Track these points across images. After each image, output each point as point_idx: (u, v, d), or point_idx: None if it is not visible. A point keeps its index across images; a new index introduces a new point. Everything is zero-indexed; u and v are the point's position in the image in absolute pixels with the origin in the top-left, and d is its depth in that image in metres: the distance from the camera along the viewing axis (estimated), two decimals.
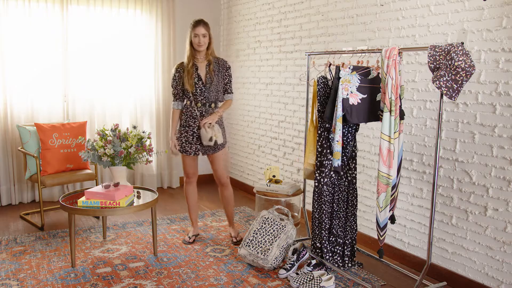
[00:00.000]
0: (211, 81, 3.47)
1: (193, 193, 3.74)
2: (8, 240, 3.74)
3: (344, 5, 3.76)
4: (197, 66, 3.49)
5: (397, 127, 2.76)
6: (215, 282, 3.02)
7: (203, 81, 3.46)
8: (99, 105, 5.05)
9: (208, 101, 3.49)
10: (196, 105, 3.48)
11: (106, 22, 4.99)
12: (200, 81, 3.46)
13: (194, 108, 3.48)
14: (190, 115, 3.50)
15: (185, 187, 3.73)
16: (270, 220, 3.37)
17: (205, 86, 3.46)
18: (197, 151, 3.55)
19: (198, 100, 3.47)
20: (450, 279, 3.01)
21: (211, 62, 3.50)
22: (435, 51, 2.54)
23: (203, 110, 3.49)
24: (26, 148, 4.16)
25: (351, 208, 3.25)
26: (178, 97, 3.56)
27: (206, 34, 3.42)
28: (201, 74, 3.47)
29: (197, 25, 3.41)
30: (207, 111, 3.50)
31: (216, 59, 3.54)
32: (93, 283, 2.98)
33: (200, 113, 3.48)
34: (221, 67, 3.55)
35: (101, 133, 3.58)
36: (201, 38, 3.40)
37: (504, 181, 2.68)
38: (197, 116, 3.48)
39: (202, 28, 3.39)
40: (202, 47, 3.43)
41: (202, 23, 3.41)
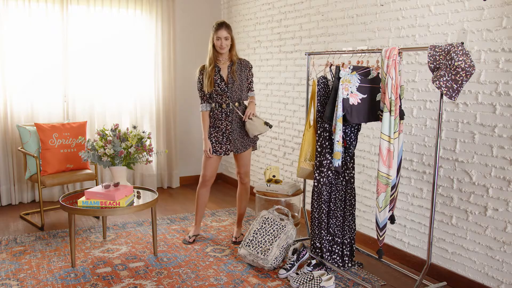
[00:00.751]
0: (233, 81, 3.51)
1: (206, 195, 3.75)
2: (8, 240, 3.74)
3: (344, 5, 3.76)
4: (219, 67, 3.53)
5: (397, 127, 2.76)
6: (215, 282, 3.02)
7: (226, 82, 3.50)
8: (99, 105, 5.05)
9: (232, 101, 3.53)
10: (221, 107, 3.52)
11: (106, 22, 4.99)
12: (222, 81, 3.50)
13: (219, 110, 3.53)
14: (216, 117, 3.55)
15: (200, 188, 3.72)
16: (270, 220, 3.37)
17: (227, 86, 3.50)
18: (227, 151, 3.59)
19: (222, 101, 3.51)
20: (450, 279, 3.01)
21: (234, 63, 3.54)
22: (435, 51, 2.54)
23: (227, 110, 3.53)
24: (26, 148, 4.16)
25: (349, 208, 3.25)
26: (206, 99, 3.58)
27: (228, 37, 3.47)
28: (223, 75, 3.52)
29: (219, 28, 3.45)
30: (232, 111, 3.54)
31: (239, 60, 3.59)
32: (93, 283, 2.98)
33: (225, 113, 3.53)
34: (244, 67, 3.60)
35: (101, 133, 3.58)
36: (223, 41, 3.45)
37: (504, 181, 2.68)
38: (223, 117, 3.53)
39: (224, 31, 3.44)
40: (224, 49, 3.47)
41: (225, 26, 3.46)
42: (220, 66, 3.53)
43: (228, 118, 3.54)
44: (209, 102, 3.57)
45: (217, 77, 3.50)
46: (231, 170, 5.80)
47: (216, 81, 3.49)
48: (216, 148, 3.58)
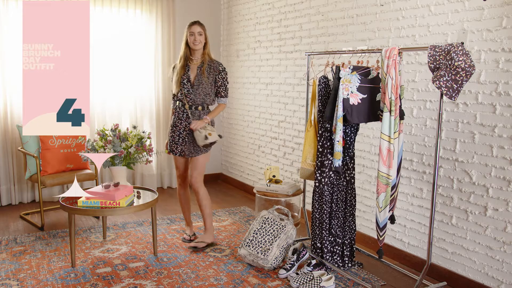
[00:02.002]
0: (199, 83, 3.44)
1: (183, 194, 3.75)
2: (8, 240, 3.74)
3: (344, 5, 3.76)
4: (189, 67, 3.49)
5: (397, 127, 2.76)
6: (215, 282, 3.02)
7: (191, 83, 3.45)
8: (99, 105, 5.05)
9: (195, 104, 3.47)
10: (183, 107, 3.48)
11: (106, 22, 4.99)
12: (188, 82, 3.45)
13: (181, 109, 3.48)
14: (177, 116, 3.51)
15: (177, 189, 3.78)
16: (270, 220, 3.37)
17: (193, 88, 3.44)
18: (181, 152, 3.54)
19: (185, 102, 3.46)
20: (450, 279, 3.01)
21: (204, 64, 3.47)
22: (435, 51, 2.54)
23: (189, 112, 3.47)
24: (26, 148, 4.16)
25: (349, 208, 3.25)
26: (173, 97, 3.59)
27: (202, 33, 3.45)
28: (190, 76, 3.47)
29: (192, 24, 3.47)
30: (193, 113, 3.48)
31: (210, 61, 3.49)
32: (93, 283, 2.98)
33: (186, 115, 3.48)
34: (213, 70, 3.48)
35: (101, 133, 3.58)
36: (196, 36, 3.42)
37: (504, 181, 2.68)
38: (184, 117, 3.49)
39: (198, 27, 3.44)
40: (197, 45, 3.43)
41: (198, 23, 3.47)
42: (190, 65, 3.49)
43: (188, 120, 3.47)
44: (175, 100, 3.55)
45: (185, 77, 3.45)
46: (231, 170, 5.80)
47: (183, 81, 3.45)
48: (172, 148, 3.56)
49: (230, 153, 5.76)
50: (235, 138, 5.63)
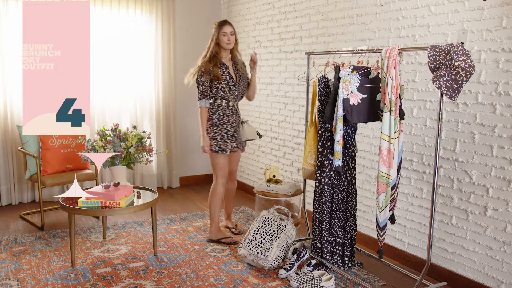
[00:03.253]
0: (240, 79, 3.61)
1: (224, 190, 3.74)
2: (8, 240, 3.74)
3: (344, 5, 3.76)
4: (225, 64, 3.57)
5: (397, 127, 2.76)
6: (215, 282, 3.02)
7: (234, 80, 3.57)
8: (99, 105, 5.05)
9: (237, 99, 3.64)
10: (228, 103, 3.56)
11: (106, 22, 4.99)
12: (231, 79, 3.56)
13: (226, 106, 3.56)
14: (223, 113, 3.56)
15: (217, 188, 3.66)
16: (270, 220, 3.37)
17: (235, 84, 3.58)
18: (233, 148, 3.61)
19: (230, 99, 3.56)
20: (450, 279, 3.01)
21: (238, 61, 3.65)
22: (435, 51, 2.54)
23: (233, 108, 3.60)
24: (26, 148, 4.16)
25: (350, 208, 3.25)
26: (206, 94, 3.55)
27: (233, 33, 3.56)
28: (231, 73, 3.58)
29: (224, 24, 3.54)
30: (235, 108, 3.63)
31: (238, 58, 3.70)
32: (93, 283, 2.98)
33: (231, 111, 3.58)
34: (243, 64, 3.73)
35: (101, 133, 3.58)
36: (230, 36, 3.53)
37: (504, 181, 2.68)
38: (230, 114, 3.57)
39: (230, 27, 3.54)
40: (231, 45, 3.54)
41: (229, 22, 3.56)
42: (226, 63, 3.59)
43: (234, 116, 3.59)
44: (210, 98, 3.56)
45: (225, 75, 3.53)
46: None
47: (225, 79, 3.53)
48: (221, 146, 3.56)
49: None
50: None
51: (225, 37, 3.51)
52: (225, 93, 3.53)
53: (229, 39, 3.52)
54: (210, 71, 3.51)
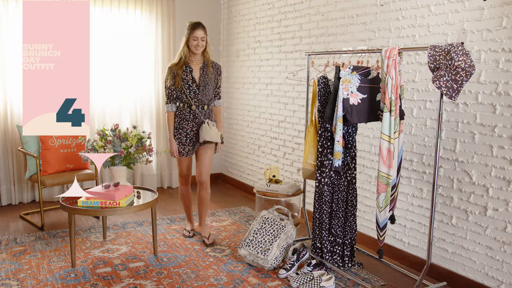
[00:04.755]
0: (205, 83, 3.53)
1: (186, 192, 3.84)
2: (8, 240, 3.74)
3: (344, 5, 3.76)
4: (191, 68, 3.51)
5: (397, 127, 2.76)
6: (215, 282, 3.02)
7: (197, 83, 3.51)
8: (99, 105, 5.05)
9: (201, 104, 3.55)
10: (189, 107, 3.53)
11: (106, 22, 4.99)
12: (194, 83, 3.50)
13: (187, 110, 3.54)
14: (184, 117, 3.56)
15: (181, 189, 3.84)
16: (270, 220, 3.37)
17: (199, 88, 3.51)
18: (189, 152, 3.63)
19: (191, 103, 3.51)
20: (450, 279, 3.01)
21: (208, 65, 3.56)
22: (435, 51, 2.54)
23: (196, 112, 3.54)
24: (26, 148, 4.16)
25: (350, 208, 3.25)
26: (172, 99, 3.57)
27: (204, 38, 3.48)
28: (195, 76, 3.51)
29: (196, 28, 3.46)
30: (200, 113, 3.56)
31: (212, 62, 3.60)
32: (93, 283, 2.98)
33: (193, 115, 3.54)
34: (215, 70, 3.62)
35: (101, 133, 3.58)
36: (199, 41, 3.46)
37: (504, 181, 2.68)
38: (191, 118, 3.55)
39: (201, 31, 3.46)
40: (199, 50, 3.48)
41: (202, 26, 3.48)
42: (192, 66, 3.52)
43: (195, 120, 3.55)
44: (175, 102, 3.56)
45: (188, 78, 3.48)
46: (231, 170, 5.79)
47: (188, 82, 3.48)
48: (179, 150, 3.60)
49: (230, 153, 5.76)
50: (235, 138, 5.63)
51: (195, 42, 3.45)
52: (186, 97, 3.50)
53: (198, 44, 3.45)
54: (174, 74, 3.50)
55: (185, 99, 3.51)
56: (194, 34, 3.45)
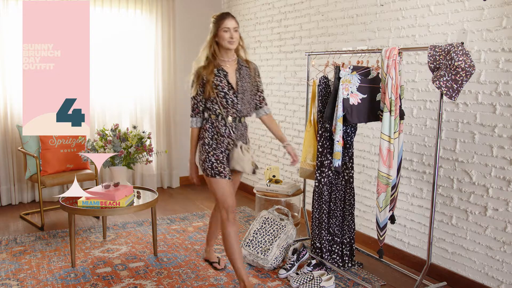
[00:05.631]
0: (244, 90, 2.76)
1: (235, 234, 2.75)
2: (8, 240, 3.74)
3: (344, 5, 3.76)
4: (225, 71, 2.75)
5: (397, 127, 2.76)
6: (215, 282, 3.02)
7: (234, 90, 2.74)
8: (99, 105, 5.05)
9: (239, 115, 2.77)
10: (223, 120, 2.74)
11: (106, 22, 4.99)
12: (231, 90, 2.73)
13: (221, 123, 2.75)
14: (218, 131, 2.76)
15: (225, 229, 2.74)
16: (270, 220, 3.37)
17: (237, 96, 2.74)
18: (230, 173, 2.78)
19: (228, 114, 2.74)
20: (450, 279, 3.01)
21: (247, 65, 2.83)
22: (435, 51, 2.54)
23: (233, 126, 2.77)
24: (26, 148, 4.16)
25: (348, 207, 3.25)
26: (198, 111, 2.80)
27: (237, 29, 2.72)
28: (231, 81, 2.74)
29: (226, 17, 2.71)
30: (237, 127, 2.78)
31: (246, 62, 2.85)
32: (93, 283, 2.98)
33: (230, 129, 2.76)
34: (254, 71, 2.86)
35: (101, 133, 3.58)
36: (233, 33, 2.69)
37: (504, 181, 2.68)
38: (226, 134, 2.76)
39: (233, 21, 2.70)
40: (234, 44, 2.71)
41: (232, 16, 2.74)
42: (225, 69, 2.76)
43: (231, 136, 2.76)
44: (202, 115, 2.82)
45: (223, 84, 2.72)
46: None
47: (223, 90, 2.71)
48: (219, 169, 2.74)
49: None
50: None
51: (227, 34, 2.68)
52: (220, 108, 2.74)
53: (232, 36, 2.68)
54: (203, 80, 2.73)
55: (219, 110, 2.74)
56: (224, 24, 2.68)
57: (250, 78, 2.81)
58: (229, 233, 2.72)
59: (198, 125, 2.83)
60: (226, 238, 2.73)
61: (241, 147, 2.75)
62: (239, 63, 2.80)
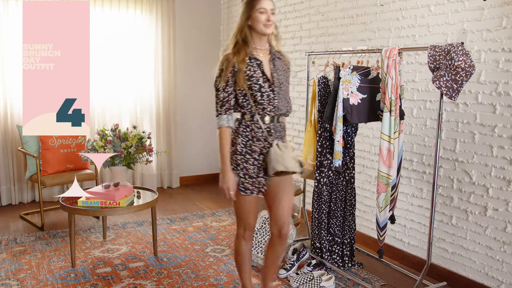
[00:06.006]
0: (280, 82, 2.33)
1: (247, 250, 2.50)
2: (8, 240, 3.74)
3: (344, 5, 3.76)
4: (258, 60, 2.32)
5: (397, 127, 2.76)
6: (215, 282, 3.02)
7: (270, 82, 2.30)
8: (99, 105, 5.05)
9: (278, 113, 2.32)
10: (261, 119, 2.30)
11: (106, 22, 4.99)
12: (266, 82, 2.29)
13: (256, 124, 2.31)
14: (252, 135, 2.31)
15: (237, 245, 2.50)
16: None
17: (273, 90, 2.30)
18: (260, 188, 2.35)
19: (265, 112, 2.30)
20: (450, 279, 3.01)
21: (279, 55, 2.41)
22: (435, 51, 2.54)
23: (271, 127, 2.31)
24: (26, 148, 4.16)
25: (349, 208, 3.25)
26: (229, 107, 2.31)
27: (274, 11, 2.32)
28: (266, 72, 2.30)
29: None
30: (276, 128, 2.33)
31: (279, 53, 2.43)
32: (93, 283, 2.98)
33: (267, 132, 2.31)
34: (286, 63, 2.45)
35: (101, 133, 3.58)
36: (270, 15, 2.28)
37: (504, 181, 2.68)
38: (263, 137, 2.31)
39: (270, 1, 2.30)
40: (270, 28, 2.31)
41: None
42: (259, 57, 2.33)
43: (269, 139, 2.31)
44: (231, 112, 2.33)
45: (257, 75, 2.28)
46: None
47: (257, 82, 2.28)
48: (246, 185, 2.32)
49: None
50: None
51: (263, 16, 2.25)
52: (254, 104, 2.29)
53: (269, 19, 2.27)
54: (234, 68, 2.28)
55: (253, 107, 2.29)
56: (260, 5, 2.26)
57: (284, 72, 2.40)
58: (244, 251, 2.48)
59: (231, 124, 2.34)
60: (240, 254, 2.50)
61: (277, 145, 2.30)
62: (271, 53, 2.38)
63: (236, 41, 2.34)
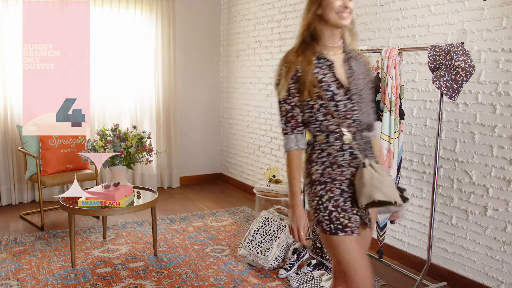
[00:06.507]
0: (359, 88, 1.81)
1: None
2: (8, 240, 3.74)
3: None
4: (329, 60, 1.81)
5: (397, 127, 2.76)
6: (215, 282, 3.02)
7: (346, 89, 1.78)
8: (99, 105, 5.05)
9: (361, 128, 1.80)
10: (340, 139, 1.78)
11: (106, 22, 4.99)
12: (340, 88, 1.77)
13: (336, 145, 1.78)
14: (332, 162, 1.79)
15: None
16: (270, 220, 3.37)
17: (351, 98, 1.78)
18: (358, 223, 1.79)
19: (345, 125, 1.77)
20: (450, 279, 3.01)
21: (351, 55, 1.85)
22: (435, 51, 2.54)
23: (353, 146, 1.78)
24: (26, 148, 4.16)
25: None
26: (297, 124, 1.86)
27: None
28: (339, 76, 1.79)
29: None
30: (360, 147, 1.79)
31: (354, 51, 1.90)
32: (93, 283, 2.98)
33: (350, 153, 1.78)
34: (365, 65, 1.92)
35: (101, 133, 3.58)
36: (347, 2, 1.84)
37: (504, 181, 2.68)
38: (347, 161, 1.78)
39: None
40: (347, 18, 1.85)
41: None
42: (330, 57, 1.81)
43: (354, 162, 1.78)
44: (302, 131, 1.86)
45: (328, 80, 1.77)
46: (231, 170, 5.79)
47: (329, 88, 1.76)
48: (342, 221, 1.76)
49: (230, 153, 5.76)
50: (235, 138, 5.63)
51: (338, 3, 1.80)
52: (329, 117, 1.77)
53: (346, 5, 1.83)
54: (297, 73, 1.80)
55: (329, 124, 1.78)
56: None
57: (364, 76, 1.86)
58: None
59: (302, 145, 1.86)
60: None
61: (371, 165, 1.75)
62: (345, 51, 1.86)
63: (303, 40, 1.85)
